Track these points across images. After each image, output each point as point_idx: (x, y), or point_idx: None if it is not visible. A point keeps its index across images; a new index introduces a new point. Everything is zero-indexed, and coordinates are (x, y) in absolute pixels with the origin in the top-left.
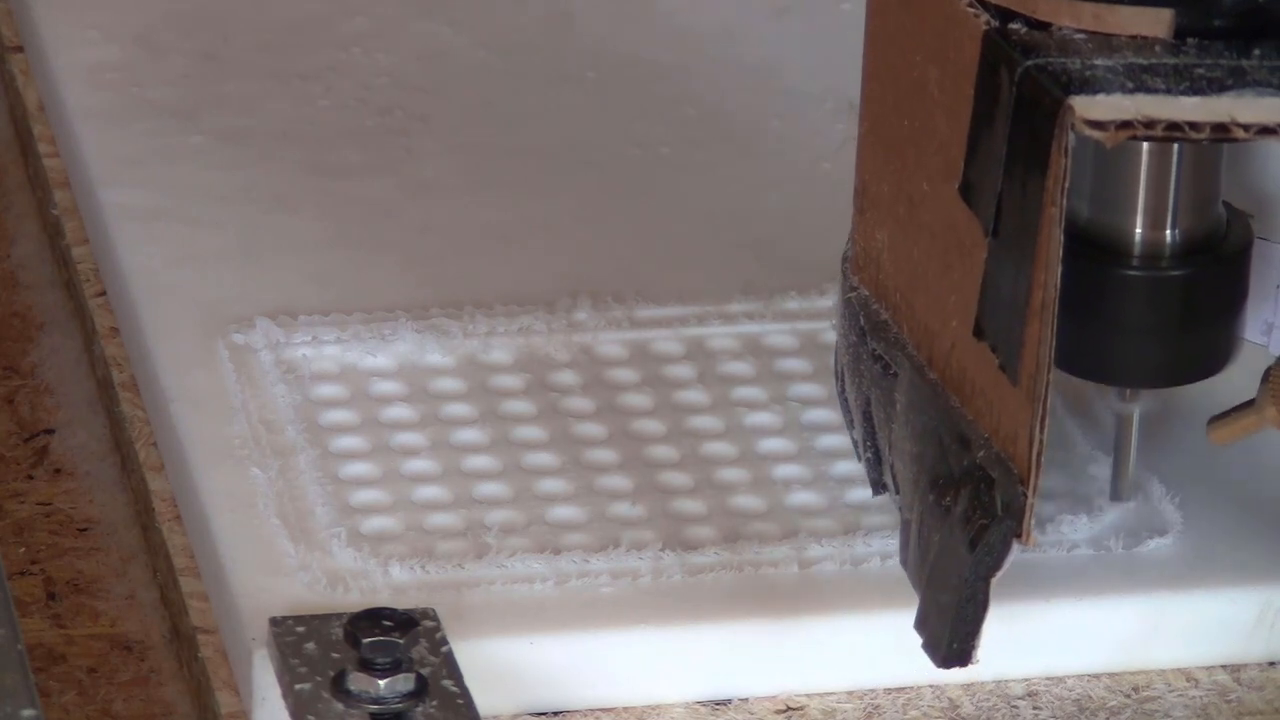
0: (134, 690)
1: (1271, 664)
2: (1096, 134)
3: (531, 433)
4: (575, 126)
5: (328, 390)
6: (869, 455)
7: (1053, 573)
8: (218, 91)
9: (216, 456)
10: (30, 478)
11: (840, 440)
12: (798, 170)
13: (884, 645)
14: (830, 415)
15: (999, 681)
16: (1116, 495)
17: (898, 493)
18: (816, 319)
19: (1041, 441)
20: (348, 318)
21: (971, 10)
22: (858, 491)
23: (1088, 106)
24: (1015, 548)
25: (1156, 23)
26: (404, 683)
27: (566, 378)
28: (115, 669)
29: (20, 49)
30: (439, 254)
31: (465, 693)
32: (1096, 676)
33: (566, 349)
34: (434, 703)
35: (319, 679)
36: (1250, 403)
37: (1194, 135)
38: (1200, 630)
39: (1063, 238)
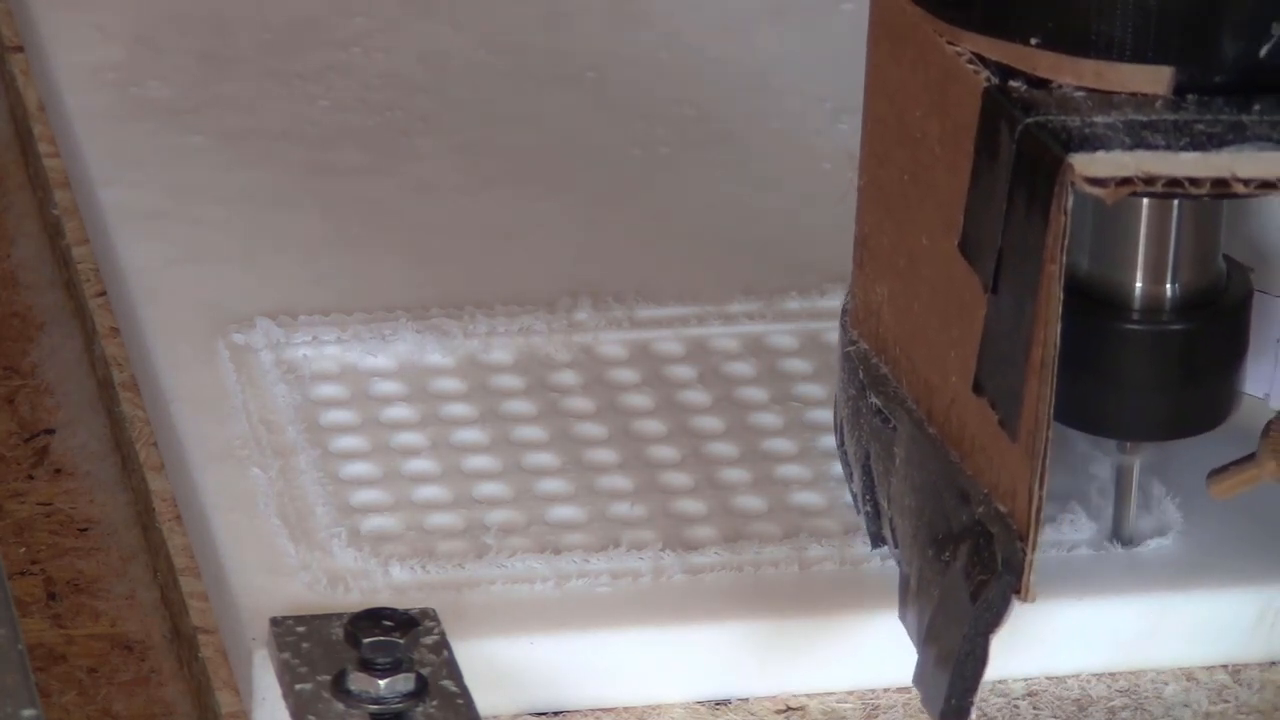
0: (134, 690)
1: (1271, 664)
2: (1097, 191)
3: (531, 433)
4: (575, 126)
5: (328, 390)
6: (868, 509)
7: (1053, 573)
8: (218, 91)
9: (216, 456)
10: (30, 478)
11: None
12: (798, 170)
13: (884, 645)
14: (831, 415)
15: (999, 681)
16: (1122, 542)
17: (896, 546)
18: (817, 319)
19: (1041, 498)
20: (348, 318)
21: (971, 67)
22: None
23: (1088, 164)
24: (1015, 603)
25: (1156, 79)
26: (404, 683)
27: (567, 378)
28: (115, 669)
29: (20, 49)
30: (439, 254)
31: (465, 693)
32: (1096, 676)
33: (566, 349)
34: (434, 703)
35: (319, 679)
36: (1250, 456)
37: (1194, 191)
38: (1200, 630)
39: (1062, 295)
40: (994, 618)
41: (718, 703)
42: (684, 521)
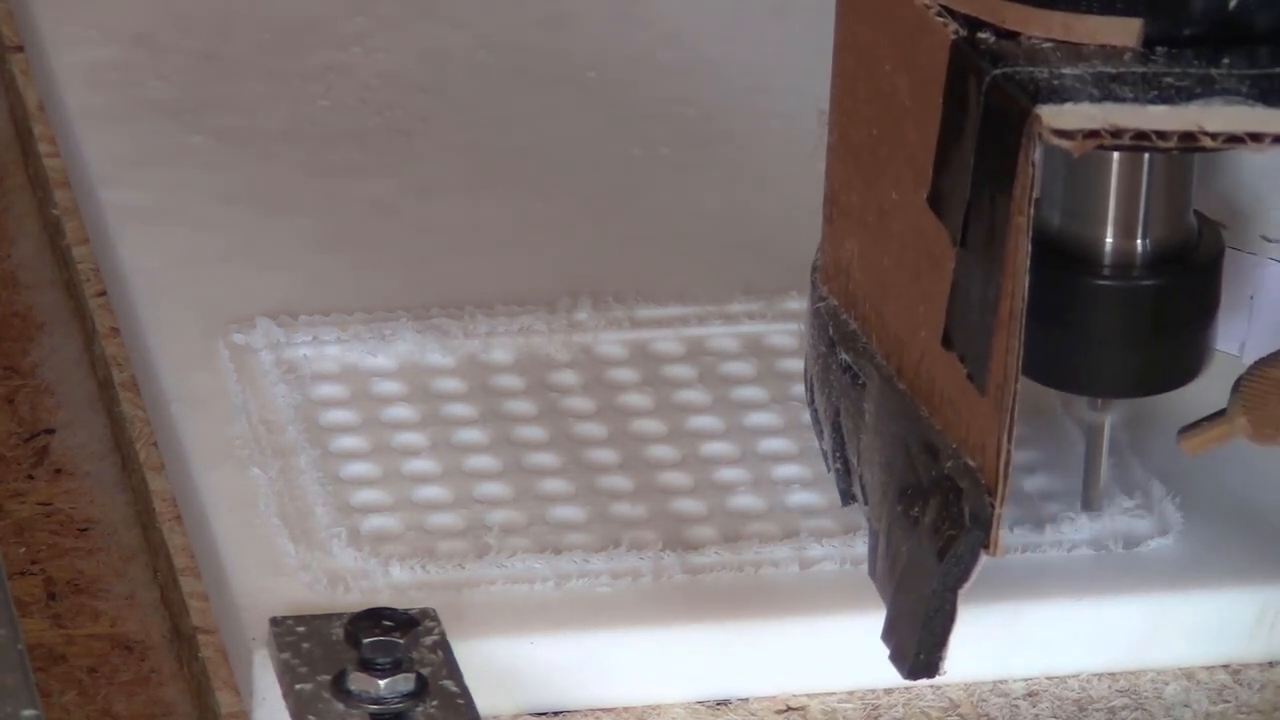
0: (134, 690)
1: (1271, 664)
2: (1063, 143)
3: (532, 433)
4: (576, 126)
5: (328, 390)
6: (838, 466)
7: (1053, 573)
8: (218, 91)
9: (216, 456)
10: (30, 478)
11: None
12: (798, 170)
13: (884, 645)
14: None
15: (999, 681)
16: (1087, 505)
17: (867, 503)
18: None
19: (1009, 451)
20: (348, 318)
21: (940, 19)
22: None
23: (1055, 115)
24: (983, 558)
25: (1125, 32)
26: (404, 683)
27: (566, 378)
28: (115, 669)
29: (20, 49)
30: (439, 254)
31: (465, 693)
32: (1096, 676)
33: (566, 349)
34: (434, 703)
35: (319, 679)
36: (1221, 413)
37: (1161, 144)
38: (1200, 630)
39: (1030, 247)
40: (962, 572)
41: (718, 703)
42: (684, 521)
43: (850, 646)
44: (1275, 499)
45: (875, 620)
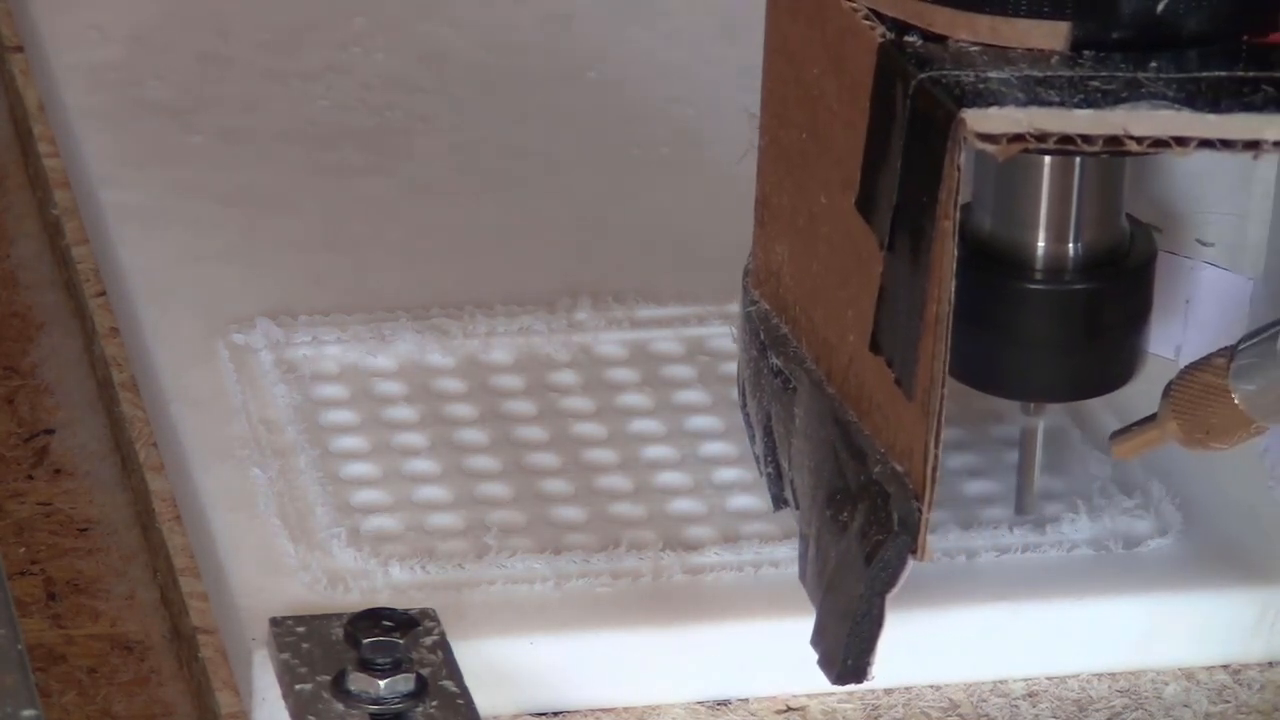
0: (134, 690)
1: (1271, 664)
2: (988, 147)
3: (532, 433)
4: (575, 126)
5: (328, 390)
6: (770, 471)
7: (1053, 573)
8: (218, 91)
9: (216, 456)
10: (30, 478)
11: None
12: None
13: (884, 645)
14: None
15: (999, 681)
16: (1021, 509)
17: (798, 508)
18: None
19: (936, 456)
20: (348, 318)
21: (868, 23)
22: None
23: (980, 119)
24: (911, 563)
25: (1053, 35)
26: (404, 683)
27: (566, 378)
28: (115, 669)
29: (20, 49)
30: (439, 254)
31: (465, 693)
32: (1096, 676)
33: (566, 349)
34: (434, 703)
35: (319, 679)
36: (1152, 417)
37: (1086, 148)
38: (1200, 630)
39: (957, 251)
40: (890, 577)
41: (718, 703)
42: (684, 521)
43: None
44: (1275, 499)
45: None
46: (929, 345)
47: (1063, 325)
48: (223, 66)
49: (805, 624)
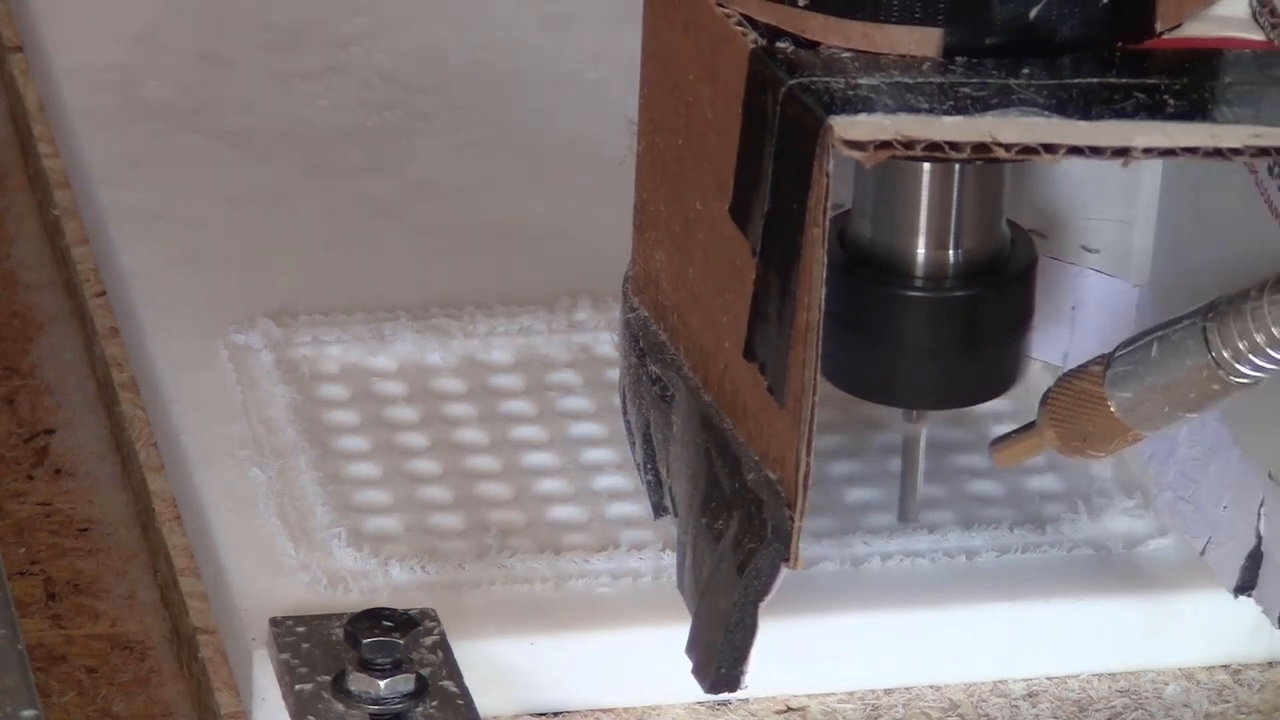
0: (134, 690)
1: (1271, 664)
2: (855, 154)
3: (531, 433)
4: (575, 126)
5: (328, 390)
6: (650, 478)
7: (1053, 573)
8: (218, 91)
9: (216, 456)
10: (30, 478)
11: (840, 439)
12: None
13: (884, 645)
14: (828, 414)
15: (999, 681)
16: (904, 516)
17: (677, 515)
18: None
19: (808, 464)
20: (348, 318)
21: (740, 29)
22: (858, 491)
23: (847, 126)
24: (784, 571)
25: (925, 42)
26: (404, 683)
27: (566, 378)
28: (115, 669)
29: (20, 49)
30: (439, 254)
31: (465, 693)
32: (1096, 676)
33: (566, 349)
34: (434, 703)
35: (319, 679)
36: (1031, 425)
37: (954, 155)
38: (1200, 630)
39: (826, 259)
40: (762, 586)
41: (718, 703)
42: None
43: (850, 646)
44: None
45: (875, 620)
46: (800, 353)
47: (943, 332)
48: (223, 66)
49: (805, 624)
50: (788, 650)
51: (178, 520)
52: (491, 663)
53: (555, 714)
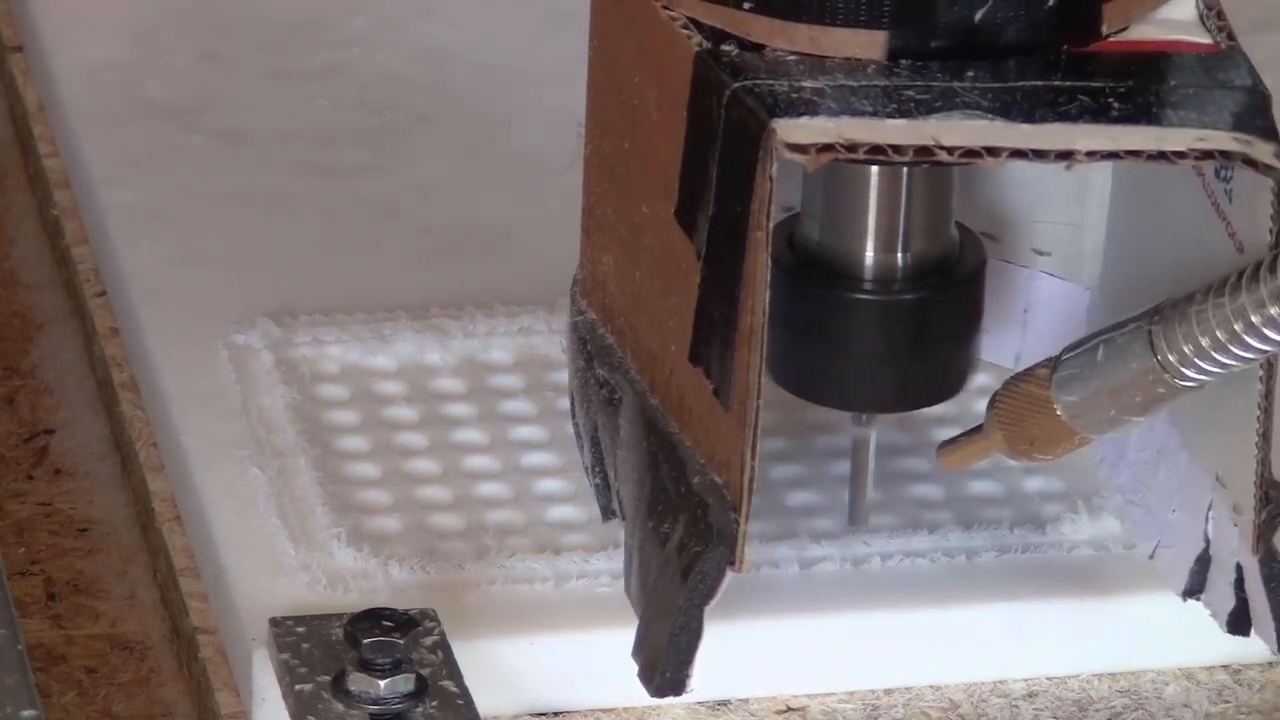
0: (134, 690)
1: (1271, 664)
2: (798, 157)
3: (531, 433)
4: (575, 126)
5: (328, 390)
6: (598, 481)
7: (1053, 573)
8: (218, 91)
9: (216, 456)
10: (30, 478)
11: (839, 439)
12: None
13: (884, 645)
14: (828, 413)
15: (999, 681)
16: (854, 520)
17: (624, 519)
18: None
19: (753, 468)
20: (348, 318)
21: (685, 32)
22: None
23: (790, 130)
24: (729, 575)
25: (870, 44)
26: (404, 683)
27: (566, 378)
28: (115, 669)
29: (20, 49)
30: (439, 254)
31: (465, 693)
32: (1097, 676)
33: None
34: (434, 703)
35: (319, 679)
36: (979, 428)
37: (897, 158)
38: (1200, 630)
39: (770, 262)
40: (708, 589)
41: (718, 703)
42: None
43: (850, 646)
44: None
45: (875, 620)
46: (744, 356)
47: (891, 335)
48: (223, 66)
49: (805, 624)
50: (788, 650)
51: (178, 520)
52: (491, 663)
53: (555, 714)
